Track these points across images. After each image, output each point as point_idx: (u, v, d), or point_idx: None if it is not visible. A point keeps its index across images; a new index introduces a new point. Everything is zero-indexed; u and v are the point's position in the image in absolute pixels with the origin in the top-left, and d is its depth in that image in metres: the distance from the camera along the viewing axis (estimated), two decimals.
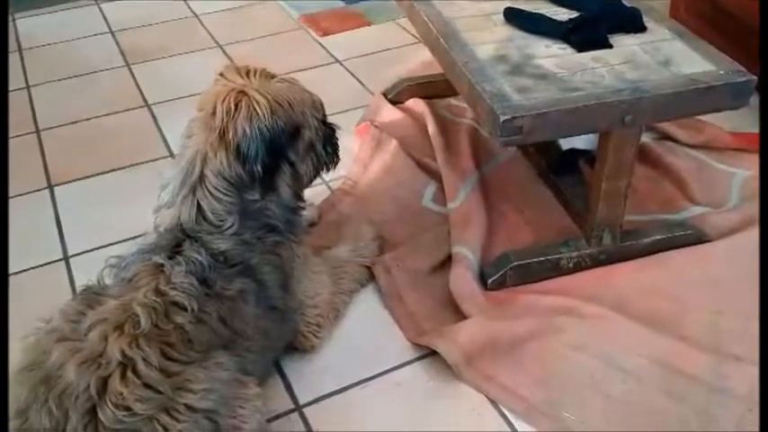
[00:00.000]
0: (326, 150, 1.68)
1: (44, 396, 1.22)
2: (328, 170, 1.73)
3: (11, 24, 3.33)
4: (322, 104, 1.66)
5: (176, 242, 1.46)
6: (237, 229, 1.49)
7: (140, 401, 1.22)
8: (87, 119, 2.64)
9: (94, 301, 1.36)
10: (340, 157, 1.75)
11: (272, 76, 1.57)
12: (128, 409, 1.21)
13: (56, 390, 1.22)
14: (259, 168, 1.47)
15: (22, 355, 1.30)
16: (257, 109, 1.46)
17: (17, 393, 1.24)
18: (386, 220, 2.08)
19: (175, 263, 1.41)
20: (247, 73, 1.53)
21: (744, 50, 2.03)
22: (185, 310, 1.35)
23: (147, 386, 1.24)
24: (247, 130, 1.45)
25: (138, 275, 1.40)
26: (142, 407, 1.21)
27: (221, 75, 1.55)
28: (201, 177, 1.48)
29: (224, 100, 1.47)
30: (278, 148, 1.50)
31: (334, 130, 1.72)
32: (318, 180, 1.77)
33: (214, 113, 1.47)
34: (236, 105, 1.46)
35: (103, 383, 1.22)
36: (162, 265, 1.40)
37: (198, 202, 1.48)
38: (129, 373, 1.24)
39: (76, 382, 1.21)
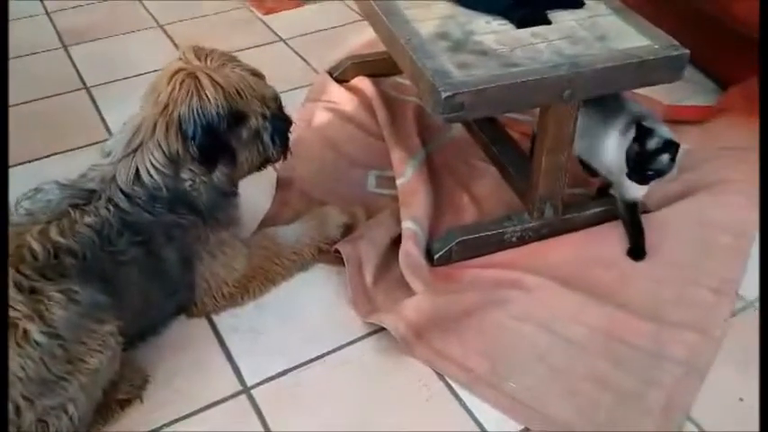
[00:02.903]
0: (274, 142, 1.70)
1: None
2: (275, 161, 1.78)
3: None
4: (277, 97, 1.72)
5: (98, 196, 1.53)
6: (158, 203, 1.56)
7: None
8: (23, 102, 2.56)
9: None
10: (291, 150, 1.77)
11: (233, 61, 1.64)
12: None
13: None
14: (195, 149, 1.55)
15: None
16: (201, 92, 1.53)
17: None
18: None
19: (85, 213, 1.49)
20: (206, 56, 1.60)
21: (679, 21, 2.08)
22: (76, 257, 1.42)
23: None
24: (187, 112, 1.52)
25: (45, 212, 1.47)
26: None
27: (183, 54, 1.62)
28: (141, 146, 1.56)
29: (172, 79, 1.55)
30: (217, 132, 1.55)
31: (288, 124, 1.75)
32: None
33: (162, 90, 1.56)
34: (182, 86, 1.54)
35: None
36: (69, 212, 1.48)
37: (137, 167, 1.55)
38: None
39: None
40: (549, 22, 1.80)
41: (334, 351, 1.68)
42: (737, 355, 1.65)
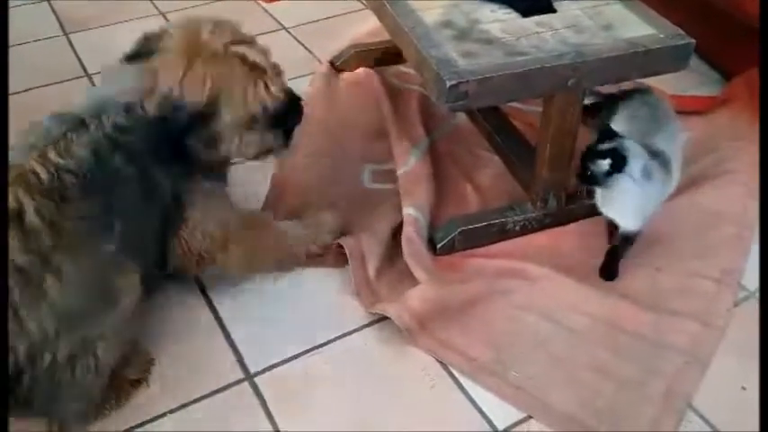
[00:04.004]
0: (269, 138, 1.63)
1: None
2: (276, 155, 1.75)
3: None
4: (286, 90, 1.62)
5: (92, 121, 1.50)
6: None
7: (24, 252, 1.29)
8: (24, 90, 2.55)
9: None
10: (289, 146, 1.72)
11: (245, 43, 1.57)
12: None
13: None
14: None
15: None
16: (186, 72, 1.51)
17: None
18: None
19: (80, 134, 1.47)
20: (219, 35, 1.56)
21: (685, 12, 2.07)
22: (76, 176, 1.41)
23: (33, 236, 1.31)
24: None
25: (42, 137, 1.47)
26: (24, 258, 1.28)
27: (198, 25, 1.60)
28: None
29: (178, 46, 1.57)
30: (182, 114, 1.51)
31: (288, 126, 1.68)
32: None
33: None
34: (173, 60, 1.55)
35: None
36: (66, 134, 1.46)
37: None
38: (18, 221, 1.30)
39: None
40: (554, 11, 1.79)
41: (337, 339, 1.68)
42: (740, 345, 1.66)
